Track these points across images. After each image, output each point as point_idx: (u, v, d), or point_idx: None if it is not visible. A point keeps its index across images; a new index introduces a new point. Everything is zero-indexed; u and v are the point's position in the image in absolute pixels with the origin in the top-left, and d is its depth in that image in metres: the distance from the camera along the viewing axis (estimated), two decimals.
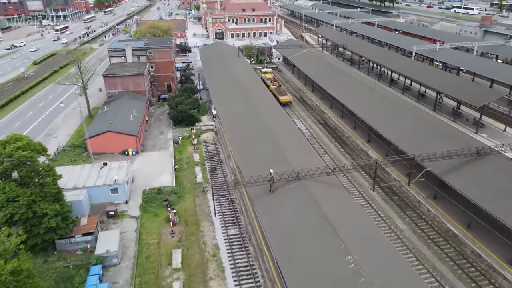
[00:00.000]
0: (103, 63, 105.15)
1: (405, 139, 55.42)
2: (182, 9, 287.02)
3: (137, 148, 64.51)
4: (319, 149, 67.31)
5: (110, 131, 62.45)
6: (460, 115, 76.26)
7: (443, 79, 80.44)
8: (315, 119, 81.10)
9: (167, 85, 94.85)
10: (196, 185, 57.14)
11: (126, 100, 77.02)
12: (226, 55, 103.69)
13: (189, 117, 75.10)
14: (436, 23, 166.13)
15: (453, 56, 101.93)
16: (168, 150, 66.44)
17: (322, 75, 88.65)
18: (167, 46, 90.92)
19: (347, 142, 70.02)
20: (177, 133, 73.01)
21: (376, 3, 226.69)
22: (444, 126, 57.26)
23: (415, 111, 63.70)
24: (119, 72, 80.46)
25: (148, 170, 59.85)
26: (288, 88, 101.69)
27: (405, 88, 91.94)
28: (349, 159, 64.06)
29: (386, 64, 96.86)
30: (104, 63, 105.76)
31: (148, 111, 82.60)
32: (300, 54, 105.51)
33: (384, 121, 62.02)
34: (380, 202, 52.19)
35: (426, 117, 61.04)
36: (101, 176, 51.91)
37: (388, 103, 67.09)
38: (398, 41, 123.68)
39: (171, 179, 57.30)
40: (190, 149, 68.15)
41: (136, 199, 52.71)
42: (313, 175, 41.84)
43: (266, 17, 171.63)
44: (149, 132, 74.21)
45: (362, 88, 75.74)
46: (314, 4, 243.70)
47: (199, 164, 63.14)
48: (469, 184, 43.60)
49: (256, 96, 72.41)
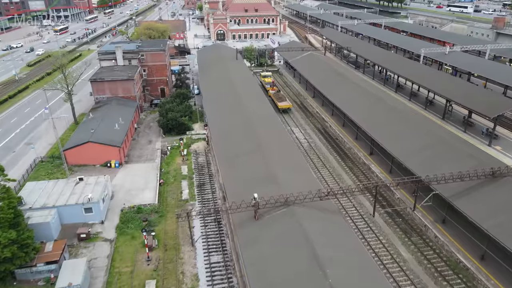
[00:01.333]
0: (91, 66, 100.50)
1: (410, 154, 50.12)
2: (187, 9, 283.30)
3: (120, 160, 59.96)
4: (317, 162, 62.23)
5: (90, 141, 57.99)
6: (472, 125, 70.62)
7: (453, 85, 74.92)
8: (314, 128, 75.94)
9: (161, 90, 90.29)
10: (181, 202, 52.37)
11: (114, 107, 72.65)
12: (224, 57, 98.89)
13: (180, 125, 70.43)
14: (446, 25, 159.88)
15: (464, 60, 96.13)
16: (155, 162, 61.78)
17: (323, 80, 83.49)
18: (160, 48, 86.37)
19: (348, 154, 64.80)
20: (167, 143, 68.37)
21: (384, 3, 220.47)
22: (454, 140, 51.78)
23: (422, 122, 58.27)
24: (107, 76, 76.08)
25: (130, 184, 55.24)
26: (288, 93, 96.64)
27: (412, 94, 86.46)
28: (349, 173, 58.86)
29: (392, 68, 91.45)
30: (96, 67, 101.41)
31: (138, 117, 78.12)
32: (302, 57, 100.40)
33: (388, 133, 56.77)
34: (382, 225, 46.95)
35: (434, 129, 55.59)
36: (75, 194, 47.34)
37: (393, 113, 61.74)
38: (406, 43, 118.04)
39: (154, 195, 52.60)
40: (178, 161, 63.44)
41: (113, 219, 48.08)
42: (304, 200, 36.81)
43: (269, 18, 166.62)
44: (136, 141, 69.65)
45: (366, 96, 70.42)
46: (320, 5, 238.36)
47: (186, 178, 58.38)
48: (483, 211, 38.27)
49: (251, 103, 67.47)
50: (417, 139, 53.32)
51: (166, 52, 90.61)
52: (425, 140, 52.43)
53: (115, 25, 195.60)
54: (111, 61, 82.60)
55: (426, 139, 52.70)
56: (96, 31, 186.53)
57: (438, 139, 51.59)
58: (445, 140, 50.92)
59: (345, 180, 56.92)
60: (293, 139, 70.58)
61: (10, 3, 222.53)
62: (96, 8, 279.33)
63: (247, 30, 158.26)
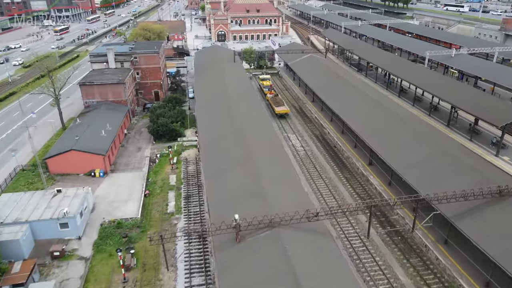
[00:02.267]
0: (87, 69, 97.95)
1: (410, 167, 46.60)
2: (190, 9, 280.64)
3: (105, 169, 57.06)
4: (313, 172, 58.85)
5: (73, 149, 55.12)
6: (478, 133, 66.85)
7: (459, 90, 71.19)
8: (312, 134, 72.53)
9: (155, 93, 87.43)
10: (165, 215, 49.30)
11: (103, 111, 69.85)
12: (221, 60, 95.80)
13: (171, 131, 67.40)
14: (453, 26, 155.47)
15: (471, 63, 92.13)
16: (142, 171, 58.82)
17: (322, 84, 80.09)
18: (154, 51, 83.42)
19: (346, 164, 61.35)
20: (156, 150, 65.41)
21: (389, 3, 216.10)
22: (458, 151, 48.11)
23: (424, 130, 54.59)
24: (97, 80, 73.28)
25: (114, 196, 52.30)
26: (287, 97, 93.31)
27: (416, 98, 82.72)
28: (346, 185, 55.39)
29: (395, 71, 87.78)
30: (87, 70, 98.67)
31: (129, 122, 75.26)
32: (301, 59, 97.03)
33: (388, 143, 53.27)
34: (379, 244, 43.49)
35: (437, 138, 51.94)
36: (51, 207, 44.46)
37: (393, 120, 58.15)
38: (410, 45, 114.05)
39: (137, 208, 49.58)
40: (167, 169, 60.42)
41: (92, 234, 45.12)
42: (291, 221, 33.53)
43: (271, 19, 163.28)
44: (125, 148, 66.76)
45: (366, 101, 66.85)
46: (324, 5, 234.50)
47: (174, 188, 55.33)
48: (489, 234, 34.75)
49: (245, 109, 64.35)
50: (418, 149, 49.76)
51: (160, 55, 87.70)
52: (427, 151, 48.86)
53: (116, 26, 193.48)
54: (103, 63, 79.80)
55: (428, 150, 49.13)
56: (96, 32, 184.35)
57: (441, 150, 47.98)
58: (449, 151, 47.29)
59: (341, 193, 53.52)
60: (289, 146, 67.47)
61: (12, 3, 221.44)
62: (99, 8, 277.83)
63: (248, 31, 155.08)
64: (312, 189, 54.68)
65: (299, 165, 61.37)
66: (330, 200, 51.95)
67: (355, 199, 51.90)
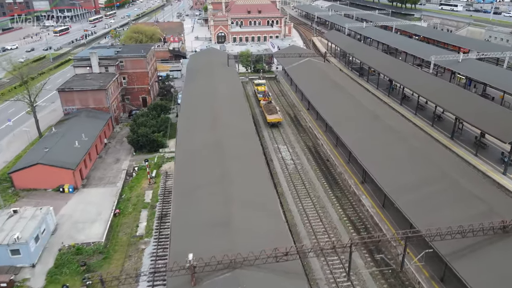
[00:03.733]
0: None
1: (405, 192, 41.43)
2: (195, 10, 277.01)
3: (75, 184, 52.89)
4: (301, 190, 53.95)
5: (40, 163, 51.03)
6: (485, 147, 61.30)
7: (465, 99, 65.64)
8: (305, 146, 67.56)
9: (142, 99, 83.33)
10: (134, 239, 44.91)
11: (82, 120, 65.90)
12: (214, 63, 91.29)
13: (152, 142, 63.04)
14: (462, 28, 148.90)
15: (479, 69, 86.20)
16: (116, 186, 54.53)
17: (317, 92, 75.09)
18: (140, 54, 79.27)
19: (338, 181, 56.35)
20: (134, 162, 61.16)
21: (397, 4, 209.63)
22: (460, 174, 42.75)
23: (423, 146, 49.26)
24: (77, 86, 69.33)
25: (80, 215, 48.07)
26: (282, 104, 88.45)
27: (419, 107, 77.25)
28: (336, 205, 50.41)
29: (397, 78, 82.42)
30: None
31: (110, 131, 71.11)
32: (298, 64, 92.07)
33: (382, 162, 48.14)
34: (367, 279, 38.48)
35: (436, 158, 46.59)
36: (3, 230, 40.32)
37: (390, 136, 52.87)
38: (416, 49, 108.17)
39: (103, 230, 45.26)
40: (145, 184, 56.06)
41: (48, 261, 40.87)
42: (256, 261, 28.78)
43: (273, 20, 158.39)
44: (103, 159, 62.60)
45: (362, 112, 61.56)
46: (330, 6, 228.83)
47: (148, 206, 50.94)
48: (489, 280, 29.58)
49: (231, 119, 59.77)
50: (414, 170, 44.54)
51: (149, 58, 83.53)
52: (424, 172, 43.62)
53: (117, 27, 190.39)
54: (86, 68, 75.88)
55: (426, 170, 43.88)
56: (96, 33, 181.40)
57: (439, 171, 42.68)
58: (448, 173, 41.95)
59: (330, 215, 48.55)
60: (278, 159, 62.69)
61: (14, 3, 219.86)
62: (104, 8, 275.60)
63: (249, 33, 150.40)
64: (298, 209, 49.84)
65: (286, 181, 56.60)
66: (316, 223, 47.05)
67: (343, 223, 46.94)
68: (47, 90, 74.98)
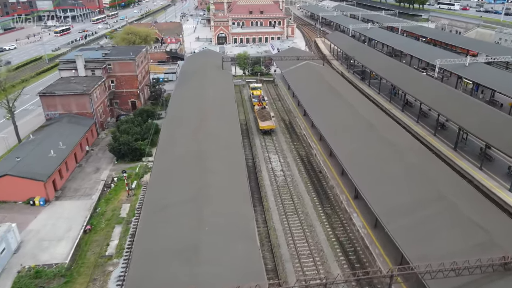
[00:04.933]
0: None
1: (397, 215, 37.34)
2: (200, 10, 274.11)
3: (47, 196, 49.64)
4: (288, 205, 50.04)
5: (8, 174, 47.85)
6: (491, 160, 56.78)
7: (470, 108, 61.13)
8: (297, 155, 63.57)
9: (132, 103, 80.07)
10: (102, 259, 41.44)
11: (63, 126, 62.79)
12: (208, 66, 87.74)
13: (134, 150, 59.62)
14: (471, 30, 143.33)
15: (487, 74, 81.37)
16: (91, 199, 51.17)
17: (313, 98, 71.09)
18: (129, 57, 75.95)
19: (330, 195, 52.32)
20: (114, 172, 57.76)
21: (404, 5, 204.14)
22: (458, 195, 38.47)
23: (420, 164, 44.96)
24: (59, 90, 66.26)
25: (47, 232, 44.76)
26: (278, 109, 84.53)
27: (422, 114, 72.86)
28: (325, 224, 46.44)
29: (399, 83, 77.93)
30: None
31: (94, 138, 67.89)
32: (296, 67, 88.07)
33: (375, 179, 44.05)
34: None
35: (434, 175, 42.37)
36: None
37: (386, 149, 48.64)
38: (421, 52, 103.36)
39: (69, 249, 41.86)
40: (123, 197, 52.64)
41: (6, 284, 37.57)
42: None
43: (276, 21, 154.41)
44: (82, 168, 59.34)
45: (358, 121, 57.35)
46: (337, 6, 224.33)
47: (123, 221, 47.48)
48: None
49: (218, 127, 56.18)
50: (409, 189, 40.38)
51: (140, 61, 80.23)
52: (420, 192, 39.43)
53: (118, 27, 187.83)
54: (72, 71, 72.81)
55: (421, 190, 39.69)
56: (97, 33, 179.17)
57: (437, 191, 38.45)
58: (446, 194, 37.73)
59: (317, 235, 44.60)
60: (267, 170, 58.87)
61: (17, 3, 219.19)
62: (108, 8, 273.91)
63: (250, 34, 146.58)
64: (284, 228, 45.97)
65: (274, 195, 52.73)
66: (302, 244, 43.16)
67: (331, 244, 42.95)
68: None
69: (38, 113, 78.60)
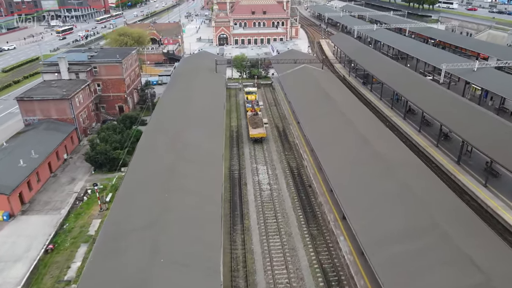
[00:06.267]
0: None
1: (384, 246, 32.86)
2: (206, 9, 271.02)
3: (11, 211, 46.27)
4: (271, 225, 45.86)
5: None
6: (497, 176, 51.85)
7: (476, 119, 56.22)
8: (288, 167, 59.29)
9: (119, 108, 76.67)
10: (60, 284, 37.82)
11: (40, 133, 59.63)
12: (201, 69, 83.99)
13: (111, 160, 56.04)
14: (483, 31, 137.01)
15: (496, 80, 75.97)
16: (60, 214, 47.65)
17: (307, 105, 66.73)
18: (115, 60, 72.52)
19: (317, 213, 47.98)
20: (91, 183, 54.18)
21: (414, 5, 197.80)
22: (454, 224, 33.82)
23: (413, 184, 40.20)
24: (38, 94, 63.10)
25: (6, 251, 41.25)
26: (273, 115, 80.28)
27: (424, 122, 68.06)
28: (308, 247, 42.11)
29: (401, 90, 73.26)
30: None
31: (74, 145, 64.50)
32: (293, 71, 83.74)
33: (363, 201, 39.56)
34: None
35: (428, 198, 37.68)
36: None
37: (379, 165, 43.97)
38: (428, 55, 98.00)
39: (25, 272, 38.28)
40: (95, 211, 49.05)
41: None
42: None
43: (279, 21, 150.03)
44: (57, 178, 55.94)
45: (350, 134, 52.47)
46: (344, 6, 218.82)
47: (90, 240, 43.76)
48: None
49: (199, 139, 52.22)
50: (400, 214, 35.80)
51: (127, 64, 76.73)
52: (412, 218, 34.84)
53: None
54: (55, 74, 69.64)
55: (413, 216, 35.07)
56: (99, 33, 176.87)
57: (431, 219, 33.86)
58: (440, 222, 33.12)
59: (299, 259, 40.40)
60: (253, 183, 54.76)
61: (22, 3, 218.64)
62: (115, 7, 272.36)
63: (251, 35, 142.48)
64: (263, 251, 41.83)
65: (257, 211, 48.60)
66: (281, 271, 38.97)
67: (313, 272, 38.68)
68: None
69: (20, 118, 75.71)
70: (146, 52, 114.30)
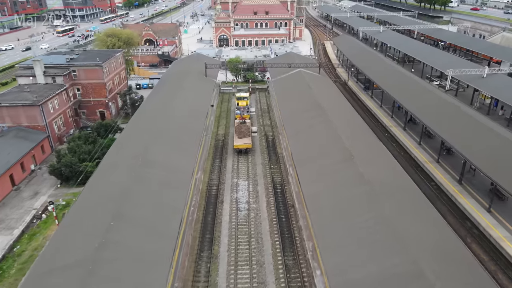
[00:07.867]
0: None
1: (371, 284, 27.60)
2: (213, 9, 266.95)
3: None
4: (242, 252, 40.86)
5: None
6: (503, 199, 45.94)
7: (481, 134, 50.25)
8: (271, 182, 54.12)
9: (100, 114, 72.48)
10: None
11: (7, 142, 55.75)
12: (190, 73, 79.17)
13: (78, 173, 51.68)
14: (497, 33, 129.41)
15: (509, 88, 69.48)
16: (12, 234, 43.41)
17: (294, 114, 61.24)
18: (95, 63, 68.30)
19: (296, 239, 42.78)
20: (56, 197, 50.00)
21: (425, 5, 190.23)
22: (446, 268, 28.32)
23: (399, 213, 34.71)
24: (8, 100, 59.22)
25: None
26: (264, 123, 75.16)
27: (425, 133, 62.27)
28: (280, 281, 36.97)
29: (402, 98, 67.46)
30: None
31: (46, 154, 60.44)
32: (287, 76, 78.43)
33: (338, 234, 34.25)
34: None
35: (419, 230, 32.24)
36: None
37: (359, 189, 38.35)
38: (435, 59, 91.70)
39: None
40: (52, 231, 44.58)
41: None
42: None
43: (282, 22, 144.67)
44: (19, 192, 51.84)
45: (337, 150, 46.79)
46: (354, 6, 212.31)
47: None
48: None
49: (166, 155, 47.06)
50: (379, 255, 30.28)
51: (110, 67, 72.50)
52: (391, 262, 29.32)
53: None
54: (30, 78, 65.77)
55: (393, 259, 29.49)
56: (100, 33, 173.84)
57: (413, 264, 28.30)
58: (424, 271, 27.56)
59: None
60: (230, 201, 49.73)
61: (27, 2, 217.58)
62: (121, 7, 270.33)
63: (252, 36, 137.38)
64: (228, 284, 36.85)
65: (229, 235, 43.63)
66: None
67: None
68: None
69: None
70: (140, 54, 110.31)
